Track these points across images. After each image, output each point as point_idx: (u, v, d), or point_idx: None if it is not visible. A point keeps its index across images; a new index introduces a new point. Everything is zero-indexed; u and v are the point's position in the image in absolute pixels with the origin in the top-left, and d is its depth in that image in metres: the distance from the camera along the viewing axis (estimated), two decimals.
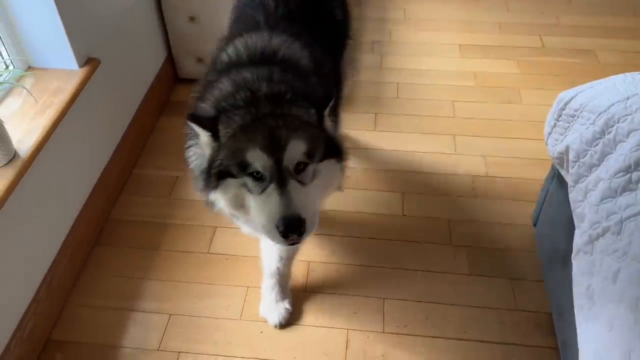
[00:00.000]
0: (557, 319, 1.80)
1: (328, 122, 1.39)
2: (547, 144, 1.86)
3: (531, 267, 2.05)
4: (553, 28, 3.35)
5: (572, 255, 1.59)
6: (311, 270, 2.04)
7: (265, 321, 1.88)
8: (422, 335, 1.85)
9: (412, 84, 2.94)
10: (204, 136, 1.31)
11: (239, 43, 1.56)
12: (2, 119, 1.58)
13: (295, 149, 1.27)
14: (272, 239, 1.28)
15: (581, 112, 1.70)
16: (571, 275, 1.60)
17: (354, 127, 2.66)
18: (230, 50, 1.56)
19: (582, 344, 1.48)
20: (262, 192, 1.27)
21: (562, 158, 1.75)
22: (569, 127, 1.75)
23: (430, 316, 1.91)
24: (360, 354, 1.80)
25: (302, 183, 1.28)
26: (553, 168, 1.95)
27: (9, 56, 1.85)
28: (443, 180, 2.40)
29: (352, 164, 2.47)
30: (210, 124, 1.29)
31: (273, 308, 1.87)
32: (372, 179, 2.40)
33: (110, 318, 1.91)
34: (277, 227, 1.23)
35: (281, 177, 1.25)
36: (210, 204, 1.40)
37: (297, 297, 1.94)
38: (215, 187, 1.32)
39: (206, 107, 1.40)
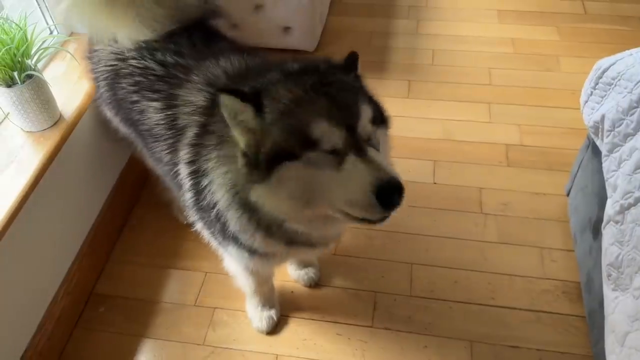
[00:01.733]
0: (585, 288, 1.80)
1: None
2: (582, 113, 1.83)
3: (562, 236, 2.04)
4: None
5: (603, 224, 1.59)
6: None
7: (297, 282, 1.95)
8: (449, 300, 1.89)
9: (448, 51, 2.90)
10: (245, 115, 1.10)
11: (204, 79, 1.41)
12: (48, 82, 1.66)
13: (366, 116, 1.13)
14: (369, 213, 1.10)
15: (619, 80, 1.66)
16: (601, 245, 1.60)
17: (387, 94, 2.65)
18: (202, 88, 1.39)
19: (608, 312, 1.49)
20: (339, 165, 1.09)
21: (598, 127, 1.73)
22: (605, 95, 1.72)
23: (458, 282, 1.94)
24: (387, 315, 1.85)
25: (376, 149, 1.14)
26: (588, 137, 1.92)
27: (53, 22, 1.92)
28: (476, 149, 2.39)
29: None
30: (253, 97, 1.10)
31: (298, 274, 1.93)
32: (404, 147, 2.41)
33: (150, 274, 2.01)
34: (377, 197, 1.06)
35: (358, 146, 1.09)
36: (247, 210, 1.22)
37: (326, 261, 1.99)
38: (265, 178, 1.11)
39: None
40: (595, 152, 1.82)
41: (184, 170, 1.38)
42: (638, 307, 1.35)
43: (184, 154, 1.37)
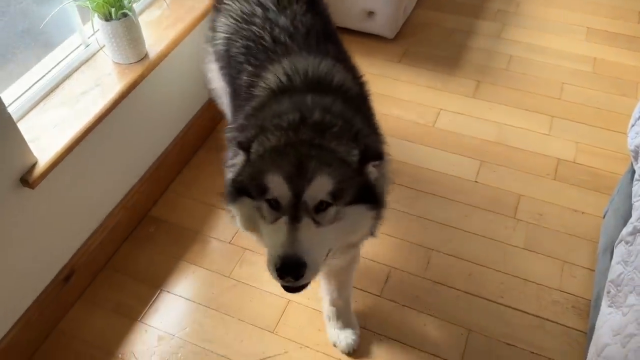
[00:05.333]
0: (593, 305, 1.83)
1: (371, 168, 1.26)
2: (628, 136, 1.84)
3: (588, 255, 2.06)
4: None
5: (615, 243, 1.62)
6: None
7: None
8: (459, 290, 1.98)
9: (526, 59, 2.91)
10: (240, 154, 1.28)
11: (287, 66, 1.50)
12: (141, 25, 1.91)
13: (320, 186, 1.16)
14: (271, 273, 1.19)
15: None
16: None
17: (452, 90, 2.73)
18: (280, 73, 1.50)
19: (599, 326, 1.53)
20: (273, 222, 1.19)
21: (637, 151, 1.74)
22: None
23: (472, 275, 2.02)
24: (397, 289, 1.98)
25: (317, 223, 1.18)
26: (632, 162, 1.92)
27: None
28: (527, 157, 2.42)
29: (439, 124, 2.57)
30: (245, 144, 1.25)
31: (338, 335, 1.85)
32: (454, 142, 2.49)
33: (199, 209, 2.26)
34: (275, 265, 1.15)
35: (296, 212, 1.16)
36: (231, 216, 1.37)
37: None
38: (233, 201, 1.28)
39: (253, 125, 1.36)
40: (634, 176, 1.83)
41: (233, 132, 1.51)
42: (623, 323, 1.39)
43: (241, 118, 1.51)
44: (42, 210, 1.72)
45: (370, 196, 1.26)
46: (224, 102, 1.93)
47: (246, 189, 1.24)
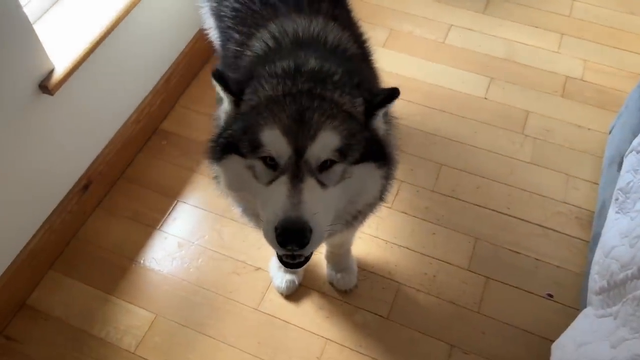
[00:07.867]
0: (597, 214, 1.90)
1: (380, 122, 1.15)
2: None
3: (592, 169, 2.12)
4: None
5: (625, 154, 1.67)
6: None
7: None
8: (467, 202, 2.04)
9: None
10: (225, 100, 1.13)
11: (274, 30, 1.35)
12: None
13: (326, 143, 1.03)
14: (269, 242, 1.05)
15: None
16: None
17: (463, 5, 2.68)
18: (266, 37, 1.34)
19: (605, 231, 1.61)
20: (270, 182, 1.05)
21: None
22: None
23: (480, 187, 2.08)
24: (407, 202, 2.04)
25: (322, 184, 1.04)
26: None
27: None
28: (536, 75, 2.43)
29: (450, 40, 2.55)
30: (236, 86, 1.10)
31: (334, 275, 1.83)
32: (464, 59, 2.48)
33: (206, 123, 2.24)
34: (276, 230, 1.00)
35: (298, 171, 1.02)
36: (215, 179, 1.23)
37: None
38: (218, 160, 1.13)
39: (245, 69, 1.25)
40: None
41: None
42: (632, 226, 1.46)
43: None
44: (61, 118, 1.72)
45: (378, 153, 1.13)
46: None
47: (235, 145, 1.09)
